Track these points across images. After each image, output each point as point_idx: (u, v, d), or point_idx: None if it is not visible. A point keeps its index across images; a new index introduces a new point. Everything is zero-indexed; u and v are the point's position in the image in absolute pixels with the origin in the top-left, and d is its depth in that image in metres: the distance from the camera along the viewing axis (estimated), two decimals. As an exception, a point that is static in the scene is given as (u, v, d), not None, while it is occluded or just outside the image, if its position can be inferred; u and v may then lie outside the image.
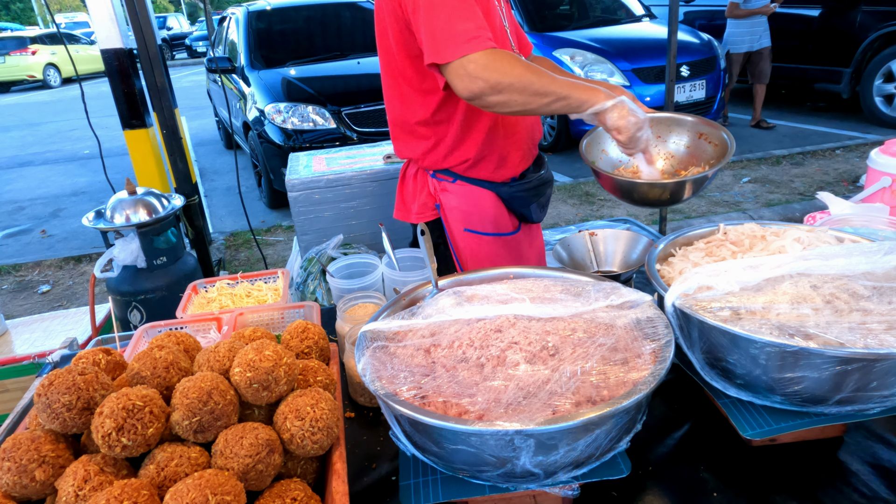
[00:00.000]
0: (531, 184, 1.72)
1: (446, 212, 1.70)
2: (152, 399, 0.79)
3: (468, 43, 1.26)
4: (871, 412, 0.94)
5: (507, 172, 1.68)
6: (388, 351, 0.96)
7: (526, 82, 1.26)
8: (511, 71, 1.26)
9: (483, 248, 1.71)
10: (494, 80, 1.26)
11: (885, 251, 1.01)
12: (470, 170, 1.64)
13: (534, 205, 1.75)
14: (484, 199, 1.68)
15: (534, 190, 1.74)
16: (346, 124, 5.19)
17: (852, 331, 0.89)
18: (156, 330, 1.33)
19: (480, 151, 1.60)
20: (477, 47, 1.26)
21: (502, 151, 1.64)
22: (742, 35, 6.84)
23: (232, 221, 5.65)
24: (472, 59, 1.26)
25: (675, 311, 0.98)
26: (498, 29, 1.53)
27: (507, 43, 1.58)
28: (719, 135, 1.47)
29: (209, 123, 9.86)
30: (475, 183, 1.66)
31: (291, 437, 0.82)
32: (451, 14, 1.29)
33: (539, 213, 1.80)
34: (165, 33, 25.09)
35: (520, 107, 1.30)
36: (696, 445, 1.09)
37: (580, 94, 1.29)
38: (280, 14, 6.78)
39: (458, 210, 1.68)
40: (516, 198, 1.71)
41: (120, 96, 3.39)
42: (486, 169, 1.64)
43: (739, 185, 5.31)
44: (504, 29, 1.57)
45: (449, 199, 1.68)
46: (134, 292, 2.84)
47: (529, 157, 1.73)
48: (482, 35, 1.27)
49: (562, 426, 0.74)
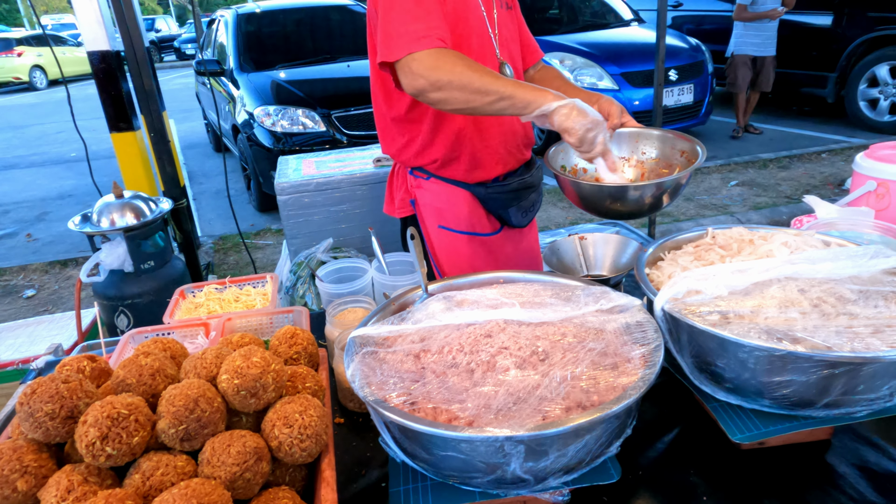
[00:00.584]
0: (509, 186, 1.71)
1: (421, 208, 1.74)
2: (137, 407, 0.78)
3: (415, 42, 1.31)
4: (859, 415, 0.94)
5: (482, 175, 1.69)
6: (377, 356, 0.96)
7: (465, 80, 1.29)
8: (451, 69, 1.29)
9: (457, 246, 1.73)
10: (434, 78, 1.30)
11: (871, 255, 1.02)
12: (441, 169, 1.67)
13: (513, 208, 1.75)
14: (458, 197, 1.70)
15: (513, 193, 1.74)
16: (335, 127, 5.18)
17: (839, 334, 0.89)
18: (142, 336, 1.31)
19: (449, 152, 1.63)
20: (423, 46, 1.31)
21: (474, 154, 1.65)
22: (749, 38, 6.58)
23: (221, 225, 5.61)
24: (416, 58, 1.31)
25: (665, 315, 0.98)
26: (476, 34, 1.54)
27: (487, 47, 1.58)
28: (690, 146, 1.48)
29: (198, 126, 9.80)
30: (449, 182, 1.69)
31: (279, 444, 0.81)
32: (404, 16, 1.34)
33: (520, 217, 1.78)
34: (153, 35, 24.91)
35: (461, 104, 1.33)
36: (686, 449, 1.10)
37: (525, 94, 1.30)
38: (269, 17, 6.76)
39: (432, 207, 1.71)
40: (492, 199, 1.72)
41: (107, 99, 3.36)
42: (457, 170, 1.67)
43: (727, 188, 5.35)
44: (489, 37, 1.57)
45: (423, 196, 1.72)
46: (121, 297, 2.81)
47: (510, 162, 1.72)
48: (430, 35, 1.32)
49: (552, 432, 0.74)
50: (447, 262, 1.75)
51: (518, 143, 1.72)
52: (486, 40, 1.57)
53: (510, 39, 1.67)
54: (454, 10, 1.49)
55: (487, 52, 1.58)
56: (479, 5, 1.56)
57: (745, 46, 6.61)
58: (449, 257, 1.74)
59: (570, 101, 1.29)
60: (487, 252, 1.77)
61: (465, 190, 1.70)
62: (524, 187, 1.75)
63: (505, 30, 1.65)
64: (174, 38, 24.74)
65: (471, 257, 1.73)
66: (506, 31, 1.65)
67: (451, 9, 1.48)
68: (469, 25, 1.52)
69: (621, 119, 1.53)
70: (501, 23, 1.63)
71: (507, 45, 1.65)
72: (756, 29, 6.49)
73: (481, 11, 1.56)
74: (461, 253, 1.73)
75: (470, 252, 1.73)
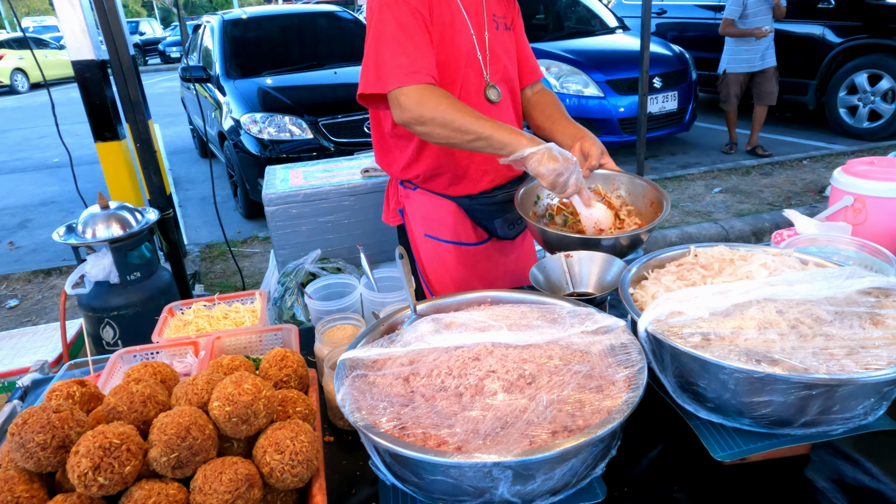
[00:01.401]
0: (496, 199, 1.75)
1: (409, 217, 1.80)
2: (129, 436, 0.79)
3: (405, 76, 1.40)
4: (835, 433, 0.97)
5: (466, 188, 1.73)
6: (367, 380, 0.97)
7: (448, 118, 1.38)
8: (435, 107, 1.39)
9: (443, 255, 1.77)
10: (419, 113, 1.39)
11: (846, 276, 1.06)
12: (425, 183, 1.73)
13: (499, 220, 1.78)
14: (443, 207, 1.75)
15: (499, 205, 1.77)
16: (322, 135, 5.18)
17: (816, 356, 0.92)
18: (131, 356, 1.31)
19: (433, 169, 1.68)
20: (411, 81, 1.40)
21: (457, 171, 1.69)
22: (740, 54, 6.26)
23: (207, 232, 5.58)
24: (404, 92, 1.41)
25: (648, 336, 1.00)
26: (465, 55, 1.57)
27: (474, 73, 1.61)
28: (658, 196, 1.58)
29: (183, 131, 9.73)
30: (434, 193, 1.75)
31: (271, 470, 0.82)
32: (394, 48, 1.42)
33: (506, 229, 1.81)
34: (138, 38, 24.69)
35: (443, 139, 1.43)
36: (669, 465, 1.12)
37: (502, 136, 1.38)
38: (256, 23, 6.74)
39: (418, 216, 1.77)
40: (477, 210, 1.76)
41: (91, 109, 3.34)
42: (440, 184, 1.72)
43: (711, 195, 5.43)
44: (477, 59, 1.60)
45: (411, 205, 1.78)
46: (107, 308, 2.79)
47: (498, 176, 1.75)
48: (419, 71, 1.41)
49: (538, 457, 0.76)
50: (432, 272, 1.78)
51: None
52: (473, 61, 1.59)
53: (504, 60, 1.69)
54: (440, 33, 1.52)
55: (475, 74, 1.60)
56: (468, 27, 1.58)
57: (738, 63, 6.33)
58: (434, 266, 1.78)
59: (542, 147, 1.36)
60: (473, 262, 1.80)
61: (451, 201, 1.73)
62: (510, 200, 1.76)
63: (498, 50, 1.66)
64: (159, 41, 24.54)
65: (456, 267, 1.77)
66: (499, 52, 1.66)
67: (437, 32, 1.51)
68: (456, 47, 1.55)
69: (600, 160, 1.59)
70: (494, 44, 1.65)
71: (499, 65, 1.66)
72: (747, 43, 6.21)
73: (470, 34, 1.58)
74: (446, 262, 1.77)
75: (455, 261, 1.77)
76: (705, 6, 8.07)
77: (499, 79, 1.66)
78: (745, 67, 6.30)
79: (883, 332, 0.96)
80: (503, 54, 1.68)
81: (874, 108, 6.59)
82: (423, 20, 1.47)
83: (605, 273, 1.32)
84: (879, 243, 1.45)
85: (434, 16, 1.51)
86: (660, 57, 6.54)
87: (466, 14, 1.57)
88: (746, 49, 6.23)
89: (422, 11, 1.47)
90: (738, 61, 6.34)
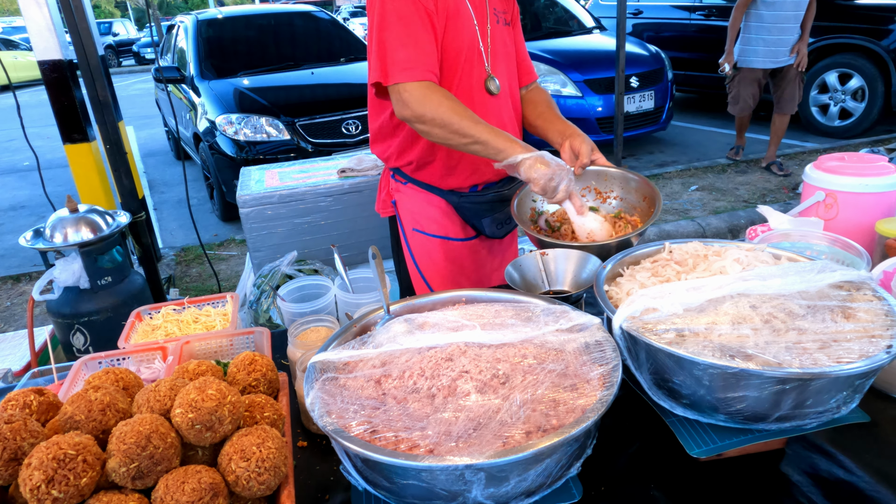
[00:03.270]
0: (485, 197, 1.76)
1: (399, 209, 1.82)
2: (86, 446, 0.75)
3: (406, 71, 1.43)
4: (809, 427, 0.97)
5: (455, 182, 1.73)
6: (337, 383, 0.95)
7: (447, 120, 1.41)
8: (436, 108, 1.41)
9: (432, 249, 1.78)
10: (420, 112, 1.42)
11: (818, 270, 1.06)
12: (416, 172, 1.74)
13: (487, 219, 1.78)
14: (432, 202, 1.76)
15: (487, 204, 1.77)
16: (300, 135, 5.12)
17: (789, 350, 0.92)
18: (96, 362, 1.27)
19: (426, 156, 1.69)
20: (413, 77, 1.43)
21: (448, 161, 1.70)
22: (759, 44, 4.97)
23: (183, 235, 5.48)
24: (406, 88, 1.43)
25: (623, 333, 1.00)
26: (467, 45, 1.59)
27: (476, 63, 1.62)
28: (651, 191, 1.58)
29: (158, 133, 9.57)
30: (424, 187, 1.76)
31: (237, 478, 0.80)
32: (395, 41, 1.44)
33: (495, 228, 1.82)
34: (111, 39, 24.24)
35: (441, 140, 1.47)
36: (646, 463, 1.11)
37: (498, 143, 1.41)
38: (231, 23, 6.65)
39: (408, 210, 1.79)
40: (465, 208, 1.77)
41: (60, 110, 3.25)
42: (431, 175, 1.73)
43: (688, 192, 5.48)
44: (479, 50, 1.61)
45: (401, 199, 1.80)
46: (77, 315, 2.72)
47: (486, 173, 1.75)
48: (419, 66, 1.43)
49: (511, 459, 0.74)
50: (425, 265, 1.81)
51: None
52: (475, 52, 1.61)
53: (504, 55, 1.70)
54: (445, 22, 1.53)
55: (476, 64, 1.62)
56: (471, 17, 1.59)
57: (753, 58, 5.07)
58: (426, 260, 1.80)
59: (534, 154, 1.40)
60: (462, 257, 1.82)
61: (440, 196, 1.73)
62: (500, 199, 1.79)
63: (499, 45, 1.68)
64: (133, 42, 24.13)
65: (446, 260, 1.79)
66: (499, 46, 1.68)
67: (441, 21, 1.52)
68: (459, 37, 1.57)
69: (591, 157, 1.60)
70: (495, 37, 1.66)
71: (499, 59, 1.68)
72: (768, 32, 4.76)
73: (473, 24, 1.60)
74: (436, 256, 1.79)
75: (444, 256, 1.79)
76: (680, 7, 8.16)
77: (499, 71, 1.67)
78: (758, 63, 5.02)
79: (854, 325, 0.96)
80: (503, 48, 1.70)
81: (845, 107, 6.72)
82: (426, 10, 1.48)
83: (580, 270, 1.32)
84: (850, 237, 1.47)
85: (439, 4, 1.52)
86: (636, 57, 6.59)
87: (470, 4, 1.59)
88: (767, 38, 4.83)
89: (426, 4, 1.48)
90: (752, 54, 5.05)
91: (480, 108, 1.64)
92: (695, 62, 7.83)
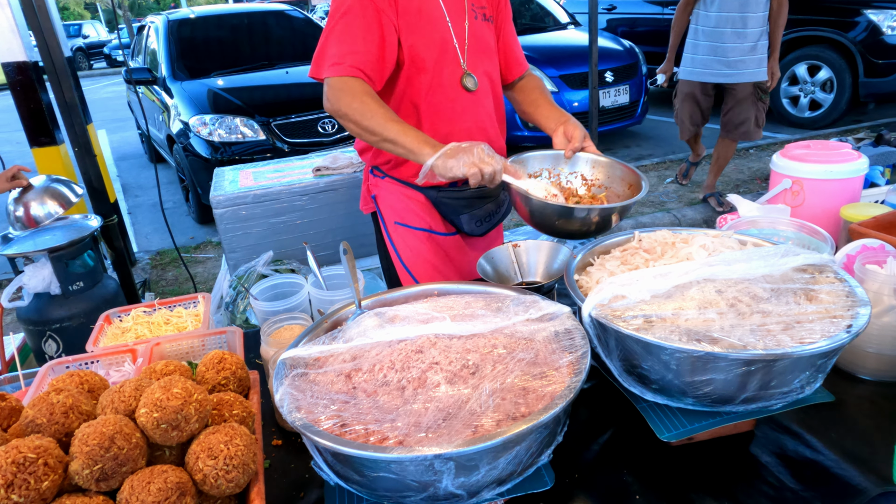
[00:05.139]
0: (463, 193, 1.74)
1: (380, 204, 1.81)
2: (47, 449, 0.74)
3: (331, 66, 1.45)
4: (775, 407, 0.99)
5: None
6: (307, 378, 0.94)
7: (358, 117, 1.42)
8: (349, 103, 1.42)
9: (415, 242, 1.77)
10: (336, 107, 1.45)
11: (782, 254, 1.08)
12: (394, 170, 1.73)
13: (465, 216, 1.77)
14: (412, 197, 1.76)
15: (465, 200, 1.76)
16: (276, 135, 5.08)
17: (753, 332, 0.94)
18: (63, 367, 1.25)
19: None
20: (337, 72, 1.45)
21: None
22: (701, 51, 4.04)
23: (159, 239, 5.40)
24: (329, 83, 1.46)
25: (592, 321, 1.00)
26: (438, 43, 1.58)
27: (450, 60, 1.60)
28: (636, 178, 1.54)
29: (132, 136, 9.41)
30: (402, 182, 1.75)
31: (204, 477, 0.79)
32: (331, 38, 1.48)
33: (473, 225, 1.80)
34: (81, 42, 23.75)
35: (358, 136, 1.49)
36: (619, 449, 1.12)
37: (406, 142, 1.39)
38: (203, 23, 6.56)
39: (389, 204, 1.78)
40: (443, 204, 1.76)
41: (25, 113, 3.18)
42: (407, 171, 1.71)
43: (663, 185, 5.54)
44: (453, 47, 1.60)
45: (381, 193, 1.79)
46: (48, 321, 2.66)
47: None
48: (345, 62, 1.44)
49: (479, 447, 0.74)
50: (408, 259, 1.79)
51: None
52: (449, 49, 1.60)
53: (484, 50, 1.69)
54: (407, 20, 1.52)
55: (451, 61, 1.61)
56: (443, 14, 1.58)
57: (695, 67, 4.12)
58: (409, 254, 1.78)
59: (439, 153, 1.32)
60: (446, 250, 1.80)
61: (418, 192, 1.73)
62: (479, 196, 1.77)
63: (478, 41, 1.66)
64: (104, 44, 23.67)
65: (429, 253, 1.78)
66: (478, 43, 1.66)
67: (403, 20, 1.52)
68: (428, 34, 1.56)
69: (582, 143, 1.60)
70: (474, 33, 1.65)
71: (478, 55, 1.66)
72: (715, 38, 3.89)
73: (446, 21, 1.59)
74: (420, 249, 1.78)
75: (429, 248, 1.78)
76: (653, 2, 8.24)
77: (478, 68, 1.66)
78: (704, 75, 4.05)
79: (816, 306, 0.98)
80: (483, 44, 1.68)
81: (814, 98, 6.84)
82: (375, 8, 1.48)
83: (552, 261, 1.32)
84: (817, 223, 1.50)
85: (400, 4, 1.51)
86: (611, 52, 6.64)
87: (444, 5, 1.58)
88: (705, 45, 3.97)
89: (378, 4, 1.48)
90: (692, 62, 4.10)
91: (457, 104, 1.63)
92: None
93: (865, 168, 1.75)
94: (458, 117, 1.65)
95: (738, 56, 3.91)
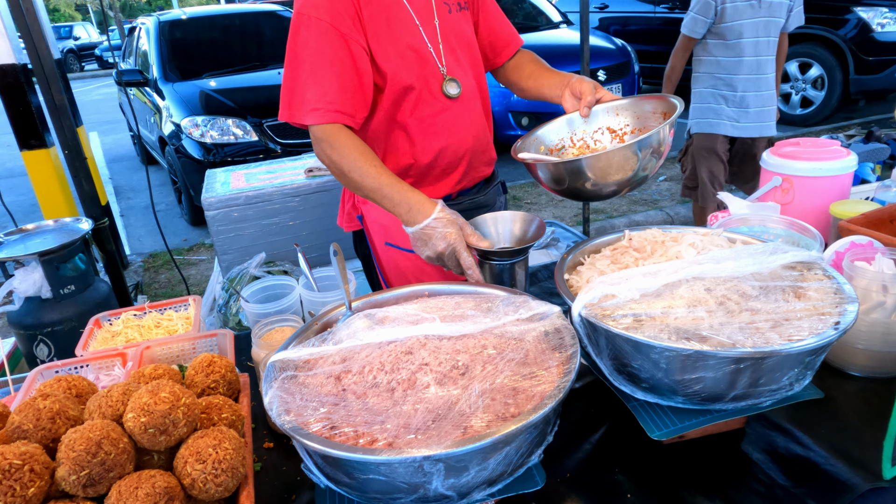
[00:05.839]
0: (460, 205, 1.67)
1: (368, 224, 1.70)
2: (33, 455, 0.73)
3: (311, 113, 1.40)
4: (764, 405, 0.99)
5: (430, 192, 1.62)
6: (297, 381, 0.94)
7: (343, 170, 1.40)
8: (332, 157, 1.40)
9: (405, 263, 1.68)
10: (323, 156, 1.44)
11: (770, 251, 1.08)
12: None
13: None
14: None
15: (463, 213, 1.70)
16: (268, 136, 5.06)
17: (742, 330, 0.94)
18: (52, 371, 1.24)
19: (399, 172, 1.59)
20: (318, 119, 1.40)
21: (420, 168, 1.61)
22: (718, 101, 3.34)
23: (152, 241, 5.38)
24: (314, 131, 1.42)
25: (582, 320, 1.00)
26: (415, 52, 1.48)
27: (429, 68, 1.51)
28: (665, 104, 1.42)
29: (124, 138, 9.37)
30: None
31: (193, 481, 0.78)
32: (298, 79, 1.41)
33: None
34: (73, 43, 23.63)
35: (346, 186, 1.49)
36: (611, 448, 1.13)
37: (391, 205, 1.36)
38: (194, 24, 6.53)
39: (378, 223, 1.67)
40: None
41: (15, 115, 3.16)
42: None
43: (656, 183, 5.56)
44: (428, 52, 1.50)
45: (370, 212, 1.67)
46: (39, 325, 2.64)
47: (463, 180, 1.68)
48: (321, 107, 1.39)
49: (468, 448, 0.74)
50: (396, 280, 1.70)
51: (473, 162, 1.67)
52: (425, 56, 1.50)
53: (462, 45, 1.58)
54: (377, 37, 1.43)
55: (430, 70, 1.51)
56: (412, 19, 1.48)
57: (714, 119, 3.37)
58: (398, 274, 1.70)
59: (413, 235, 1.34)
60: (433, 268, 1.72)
61: None
62: (474, 207, 1.69)
63: (453, 37, 1.56)
64: (95, 45, 23.56)
65: (418, 273, 1.68)
66: (454, 39, 1.56)
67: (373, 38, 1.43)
68: (402, 45, 1.46)
69: (595, 96, 1.47)
70: (447, 30, 1.54)
71: (456, 54, 1.56)
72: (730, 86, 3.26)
73: (416, 26, 1.48)
74: (408, 269, 1.68)
75: (416, 268, 1.67)
76: (645, 0, 8.27)
77: (458, 68, 1.56)
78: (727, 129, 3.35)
79: (805, 304, 0.99)
80: (460, 39, 1.58)
81: (806, 96, 6.88)
82: (340, 36, 1.38)
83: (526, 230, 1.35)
84: (807, 220, 1.50)
85: (365, 20, 1.41)
86: (603, 50, 6.66)
87: (409, 5, 1.47)
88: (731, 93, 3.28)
89: (341, 29, 1.37)
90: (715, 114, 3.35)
91: (445, 115, 1.55)
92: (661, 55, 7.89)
93: (855, 165, 1.75)
94: (448, 130, 1.57)
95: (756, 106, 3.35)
